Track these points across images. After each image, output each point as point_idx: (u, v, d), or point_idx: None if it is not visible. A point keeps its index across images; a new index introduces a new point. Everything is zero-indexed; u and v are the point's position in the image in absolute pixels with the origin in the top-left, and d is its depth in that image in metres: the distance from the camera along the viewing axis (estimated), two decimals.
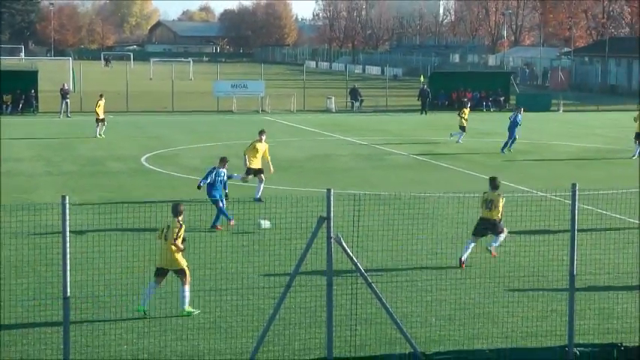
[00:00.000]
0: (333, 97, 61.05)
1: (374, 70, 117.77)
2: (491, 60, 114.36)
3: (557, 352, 11.38)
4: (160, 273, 14.70)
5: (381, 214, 20.23)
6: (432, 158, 35.25)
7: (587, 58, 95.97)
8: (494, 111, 61.58)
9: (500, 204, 17.61)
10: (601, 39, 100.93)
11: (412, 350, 11.52)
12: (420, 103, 60.20)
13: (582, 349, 11.29)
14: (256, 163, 24.97)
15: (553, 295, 15.55)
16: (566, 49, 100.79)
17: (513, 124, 37.37)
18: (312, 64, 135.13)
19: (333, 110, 59.45)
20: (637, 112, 37.60)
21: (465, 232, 18.56)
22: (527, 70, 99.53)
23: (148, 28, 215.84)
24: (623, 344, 11.36)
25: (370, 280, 11.66)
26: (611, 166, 33.88)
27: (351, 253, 11.32)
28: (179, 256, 14.62)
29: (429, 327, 13.91)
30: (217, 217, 21.02)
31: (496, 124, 51.22)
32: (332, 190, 11.37)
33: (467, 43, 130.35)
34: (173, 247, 14.49)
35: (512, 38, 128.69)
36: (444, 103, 62.52)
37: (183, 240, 14.65)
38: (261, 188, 24.56)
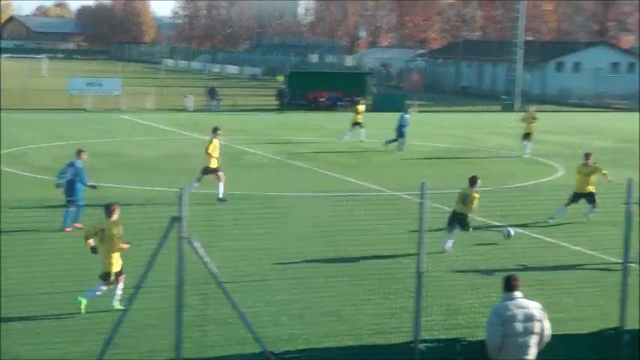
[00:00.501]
0: (191, 96, 60.57)
1: (233, 69, 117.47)
2: (349, 61, 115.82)
3: (403, 348, 11.60)
4: (106, 277, 14.51)
5: (235, 214, 20.18)
6: (288, 158, 35.43)
7: (441, 60, 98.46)
8: (351, 111, 62.35)
9: (476, 201, 18.77)
10: (454, 41, 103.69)
11: (262, 350, 11.53)
12: (277, 102, 60.42)
13: (427, 344, 11.54)
14: (215, 162, 24.62)
15: (401, 292, 15.86)
16: (421, 51, 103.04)
17: (402, 124, 38.74)
18: (171, 62, 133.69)
19: (191, 109, 58.99)
20: (523, 114, 39.89)
21: (319, 232, 18.72)
22: (384, 71, 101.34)
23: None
24: (466, 339, 11.67)
25: (221, 280, 11.61)
26: (461, 165, 34.81)
27: (202, 254, 11.24)
28: (117, 257, 14.48)
29: (281, 326, 13.97)
30: (75, 216, 20.44)
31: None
32: (186, 190, 11.26)
33: (326, 44, 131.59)
34: (111, 250, 14.35)
35: (370, 39, 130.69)
36: (302, 103, 62.99)
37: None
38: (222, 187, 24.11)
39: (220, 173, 24.54)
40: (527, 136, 37.94)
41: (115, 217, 14.54)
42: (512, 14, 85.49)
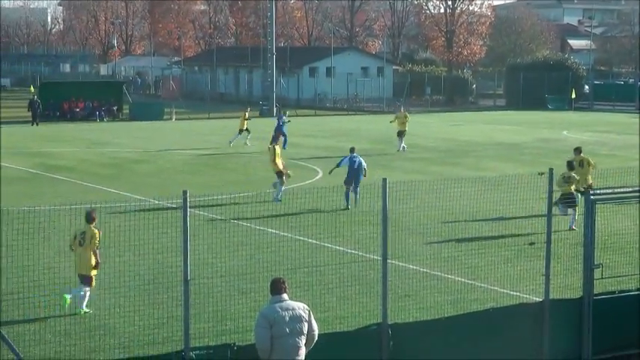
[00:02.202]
0: None
1: None
2: (103, 69, 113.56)
3: (174, 357, 11.54)
4: (80, 278, 15.44)
5: None
6: (45, 170, 34.30)
7: (197, 67, 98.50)
8: (107, 121, 61.26)
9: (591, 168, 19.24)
10: (209, 48, 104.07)
11: None
12: (30, 114, 58.33)
13: (198, 352, 11.55)
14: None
15: (170, 301, 15.77)
16: (176, 59, 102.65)
17: (279, 125, 41.46)
18: None
19: None
20: (393, 115, 45.08)
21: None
22: (140, 80, 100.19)
23: None
24: (236, 344, 11.78)
25: None
26: (222, 171, 35.01)
27: None
28: (94, 261, 15.47)
29: (45, 344, 13.52)
30: None
31: (110, 134, 51.03)
32: None
33: (77, 53, 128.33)
34: (90, 253, 15.35)
35: (123, 47, 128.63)
36: (56, 114, 61.17)
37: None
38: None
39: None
40: (400, 133, 42.76)
41: (94, 223, 15.73)
42: (263, 21, 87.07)
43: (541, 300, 13.83)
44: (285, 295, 10.45)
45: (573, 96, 78.68)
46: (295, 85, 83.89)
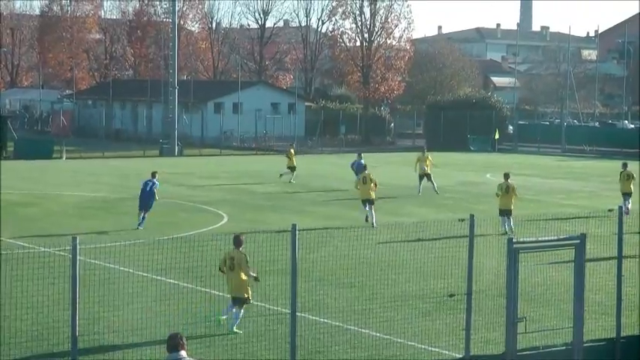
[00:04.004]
0: None
1: None
2: None
3: None
4: (234, 302, 17.61)
5: None
6: None
7: (90, 101, 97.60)
8: None
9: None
10: (104, 81, 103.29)
11: None
12: None
13: None
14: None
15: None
16: (68, 92, 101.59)
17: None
18: None
19: None
20: (419, 154, 44.03)
21: None
22: (27, 114, 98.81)
23: None
24: None
25: None
26: (116, 216, 34.64)
27: None
28: (246, 283, 17.65)
29: None
30: None
31: None
32: None
33: None
34: (242, 276, 17.54)
35: (9, 79, 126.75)
36: None
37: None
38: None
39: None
40: (428, 177, 42.42)
41: (242, 247, 17.93)
42: (165, 52, 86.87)
43: (461, 356, 13.99)
44: (183, 353, 10.38)
45: (497, 137, 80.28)
46: (199, 121, 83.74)
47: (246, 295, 17.81)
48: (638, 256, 24.20)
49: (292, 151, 49.67)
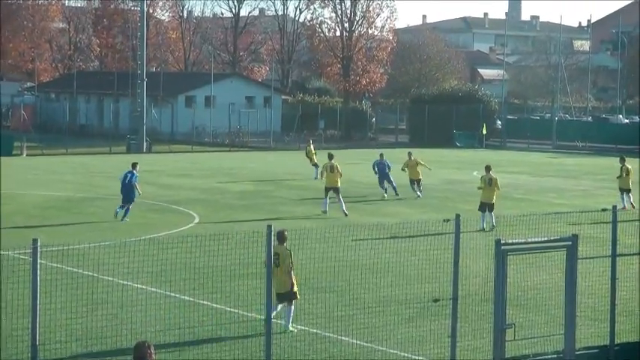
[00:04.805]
0: None
1: None
2: None
3: None
4: (280, 298, 18.02)
5: None
6: None
7: (53, 95, 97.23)
8: None
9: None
10: (68, 73, 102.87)
11: None
12: None
13: None
14: None
15: None
16: (29, 84, 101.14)
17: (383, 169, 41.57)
18: None
19: None
20: (407, 160, 42.41)
21: None
22: None
23: None
24: None
25: None
26: (80, 216, 34.49)
27: None
28: (294, 279, 18.19)
29: None
30: None
31: None
32: None
33: None
34: (286, 273, 17.95)
35: None
36: None
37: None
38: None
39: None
40: (418, 182, 41.82)
41: (286, 243, 18.09)
42: (133, 42, 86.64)
43: None
44: None
45: (484, 132, 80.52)
46: (169, 116, 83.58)
47: (293, 290, 18.25)
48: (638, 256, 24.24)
49: (312, 148, 50.71)
